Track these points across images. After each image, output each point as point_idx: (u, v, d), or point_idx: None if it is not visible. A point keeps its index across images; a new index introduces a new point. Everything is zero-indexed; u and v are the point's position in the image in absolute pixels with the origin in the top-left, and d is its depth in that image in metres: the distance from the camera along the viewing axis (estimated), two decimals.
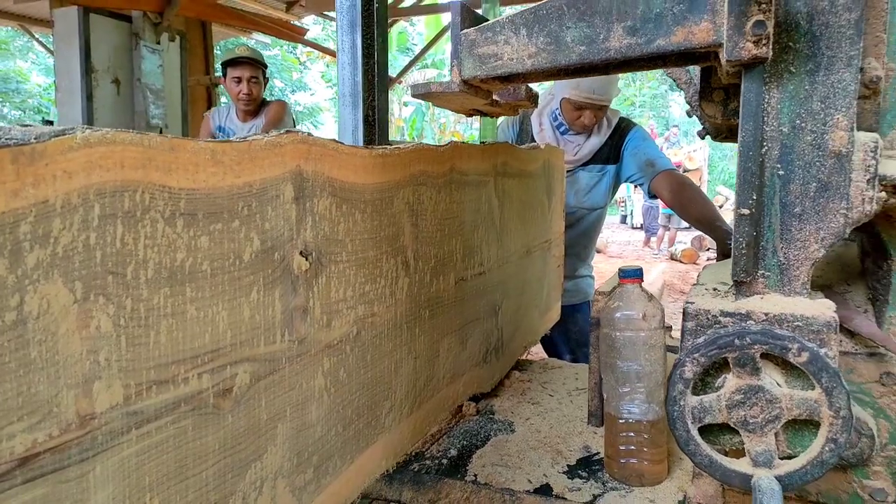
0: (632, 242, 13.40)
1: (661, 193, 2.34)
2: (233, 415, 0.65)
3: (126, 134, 0.51)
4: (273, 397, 0.72)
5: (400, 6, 9.79)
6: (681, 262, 9.89)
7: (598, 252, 11.41)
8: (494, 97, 1.27)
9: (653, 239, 12.03)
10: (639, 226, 14.60)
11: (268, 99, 3.88)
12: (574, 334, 2.48)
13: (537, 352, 2.58)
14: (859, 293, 0.98)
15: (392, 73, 10.63)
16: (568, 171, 2.38)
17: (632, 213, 16.49)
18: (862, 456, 0.86)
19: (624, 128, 2.40)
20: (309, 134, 0.76)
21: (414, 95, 1.21)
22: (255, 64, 3.66)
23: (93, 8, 6.10)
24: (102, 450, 0.51)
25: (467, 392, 1.35)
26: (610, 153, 2.39)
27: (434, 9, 8.58)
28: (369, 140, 1.55)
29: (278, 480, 0.73)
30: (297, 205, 0.74)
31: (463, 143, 1.25)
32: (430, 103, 1.35)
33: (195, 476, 0.61)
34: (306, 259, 0.76)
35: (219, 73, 4.47)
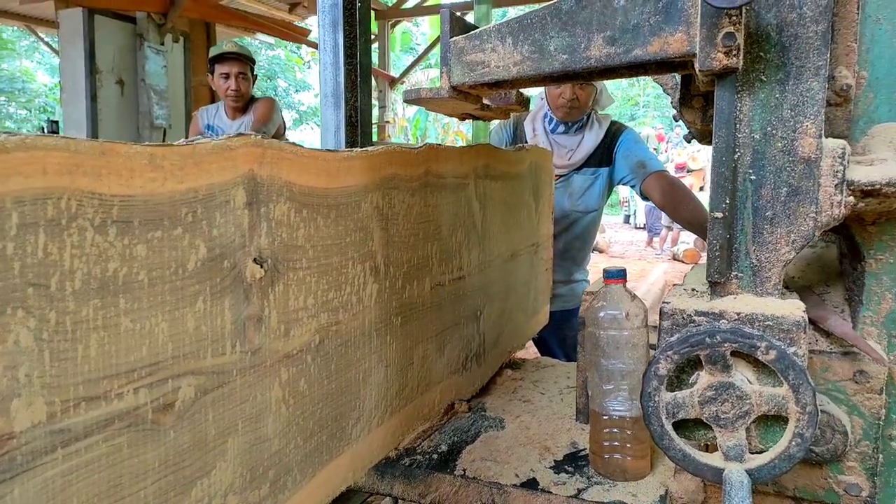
0: (634, 242, 13.37)
1: (652, 195, 2.32)
2: (175, 430, 0.63)
3: (49, 138, 0.49)
4: (222, 411, 0.69)
5: (403, 6, 9.82)
6: (683, 262, 9.87)
7: (601, 252, 11.47)
8: (486, 101, 1.27)
9: (655, 239, 11.98)
10: (642, 226, 14.56)
11: (257, 96, 3.82)
12: (570, 339, 2.46)
13: (535, 353, 2.56)
14: (838, 294, 1.00)
15: (395, 73, 10.65)
16: (562, 175, 2.37)
17: (635, 213, 16.45)
18: (836, 452, 0.88)
19: (615, 131, 2.40)
20: (263, 136, 0.73)
21: (405, 101, 1.23)
22: (243, 59, 3.58)
23: (97, 9, 6.12)
24: (22, 471, 0.49)
25: (445, 400, 1.32)
26: (603, 156, 2.38)
27: (438, 9, 8.58)
28: (352, 141, 1.53)
29: (229, 497, 0.71)
30: (250, 210, 0.72)
31: (439, 145, 1.21)
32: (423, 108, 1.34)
33: (132, 495, 0.59)
34: (261, 266, 0.74)
35: None
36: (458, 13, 1.08)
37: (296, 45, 17.86)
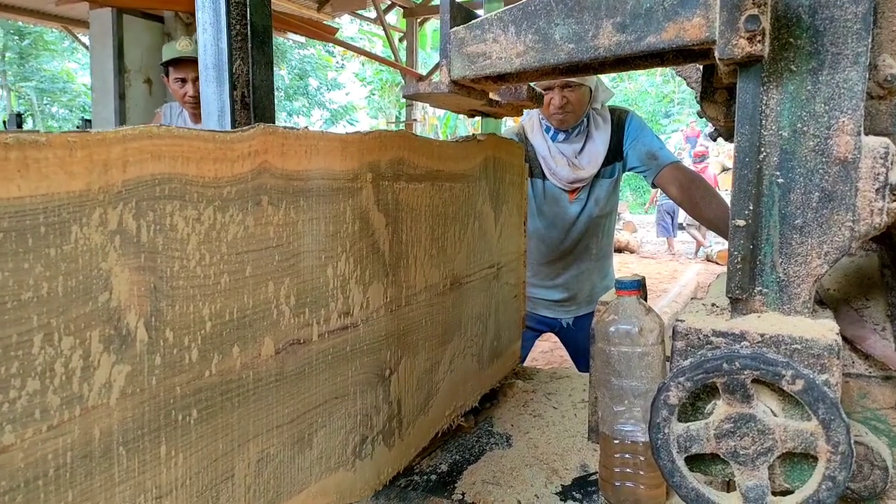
0: (667, 241, 13.11)
1: (668, 189, 2.18)
2: None
3: None
4: None
5: (431, 3, 9.77)
6: (717, 263, 9.68)
7: (632, 252, 11.28)
8: (494, 97, 1.20)
9: (705, 246, 11.36)
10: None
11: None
12: None
13: (548, 363, 2.46)
14: (879, 309, 0.90)
15: (423, 71, 10.60)
16: (585, 185, 2.25)
17: None
18: (875, 489, 0.79)
19: (619, 120, 2.24)
20: None
21: (405, 97, 1.15)
22: None
23: (126, 9, 6.18)
24: None
25: None
26: (615, 151, 2.25)
27: (470, 6, 8.52)
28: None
29: None
30: None
31: (291, 128, 0.81)
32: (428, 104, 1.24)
33: None
34: None
35: None
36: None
37: (331, 44, 17.93)
